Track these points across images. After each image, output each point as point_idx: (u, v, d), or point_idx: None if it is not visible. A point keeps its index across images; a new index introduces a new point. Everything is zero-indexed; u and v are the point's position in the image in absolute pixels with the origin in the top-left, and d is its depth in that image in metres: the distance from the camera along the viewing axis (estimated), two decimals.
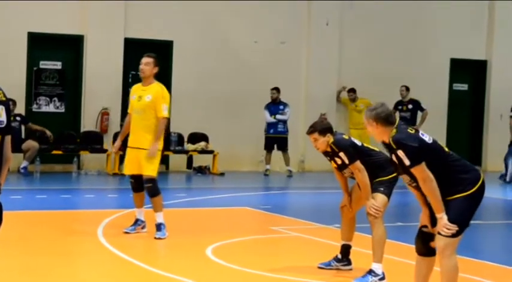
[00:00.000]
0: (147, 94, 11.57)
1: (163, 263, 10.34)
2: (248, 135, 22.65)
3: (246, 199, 17.02)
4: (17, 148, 19.72)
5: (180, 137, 22.38)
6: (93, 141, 21.16)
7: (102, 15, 21.64)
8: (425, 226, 7.71)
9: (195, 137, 22.49)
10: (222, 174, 21.90)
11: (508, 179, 22.32)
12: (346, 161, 9.51)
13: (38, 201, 15.83)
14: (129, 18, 21.96)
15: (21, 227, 11.91)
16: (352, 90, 23.57)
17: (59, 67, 21.88)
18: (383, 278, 8.93)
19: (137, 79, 12.42)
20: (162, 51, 22.35)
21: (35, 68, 21.55)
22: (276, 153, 22.30)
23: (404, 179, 7.74)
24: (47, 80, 21.79)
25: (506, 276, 10.20)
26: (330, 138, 9.58)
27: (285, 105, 22.02)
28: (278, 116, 21.89)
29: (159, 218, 11.47)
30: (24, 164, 20.22)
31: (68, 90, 21.93)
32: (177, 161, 22.53)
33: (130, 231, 11.75)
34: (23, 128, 20.55)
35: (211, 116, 22.51)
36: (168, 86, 22.42)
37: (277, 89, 22.13)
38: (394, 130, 7.64)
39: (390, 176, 9.43)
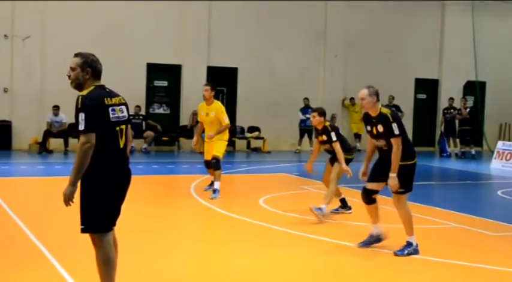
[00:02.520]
0: (212, 111, 11.51)
1: (230, 208, 10.42)
2: (287, 127, 22.71)
3: (285, 168, 17.09)
4: (140, 136, 20.12)
5: (242, 128, 22.61)
6: (187, 132, 21.35)
7: (193, 51, 21.82)
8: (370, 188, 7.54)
9: (252, 128, 22.67)
10: (269, 152, 21.94)
11: (446, 154, 22.48)
12: (333, 138, 9.55)
13: (153, 170, 16.04)
14: (210, 52, 22.11)
15: (142, 187, 12.12)
16: (352, 98, 23.58)
17: (166, 85, 22.13)
18: (417, 246, 7.50)
19: (215, 92, 12.33)
20: (231, 74, 22.60)
21: (151, 85, 21.85)
22: (305, 139, 22.46)
23: (379, 143, 7.44)
24: (158, 93, 22.09)
25: (445, 216, 10.20)
26: (323, 121, 9.74)
27: (311, 108, 22.12)
28: (307, 115, 22.14)
29: (217, 185, 11.27)
30: (145, 146, 20.53)
31: (172, 99, 22.18)
32: (240, 144, 22.69)
33: (207, 189, 11.93)
34: (143, 123, 20.84)
35: (263, 115, 22.61)
36: (235, 97, 22.77)
37: (307, 98, 22.33)
38: (388, 110, 7.44)
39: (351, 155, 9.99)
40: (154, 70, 21.59)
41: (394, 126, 7.28)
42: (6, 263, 6.71)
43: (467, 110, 22.42)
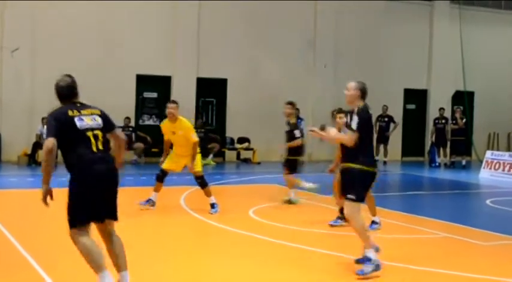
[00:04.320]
0: (179, 130, 10.88)
1: (221, 219, 10.41)
2: (277, 138, 22.61)
3: (275, 179, 17.08)
4: (129, 147, 20.09)
5: (232, 139, 22.63)
6: None
7: (182, 62, 21.86)
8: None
9: (242, 139, 22.70)
10: (259, 163, 21.98)
11: (435, 164, 22.55)
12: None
13: (142, 181, 16.00)
14: (200, 64, 22.15)
15: (132, 198, 12.04)
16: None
17: (156, 96, 22.13)
18: (378, 260, 6.90)
19: (205, 103, 12.37)
20: (221, 85, 22.64)
21: (140, 97, 21.85)
22: None
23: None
24: (148, 104, 22.09)
25: (434, 225, 10.23)
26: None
27: (301, 119, 22.17)
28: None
29: (212, 199, 11.05)
30: (135, 157, 20.53)
31: (161, 110, 22.14)
32: (230, 155, 22.69)
33: (143, 204, 11.31)
34: (133, 135, 20.81)
35: (253, 126, 22.63)
36: (225, 108, 22.80)
37: (297, 109, 22.30)
38: (362, 105, 7.09)
39: None
40: (143, 81, 21.59)
41: (355, 119, 6.97)
42: None
43: (464, 120, 22.52)
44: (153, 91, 22.01)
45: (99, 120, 5.87)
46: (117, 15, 20.89)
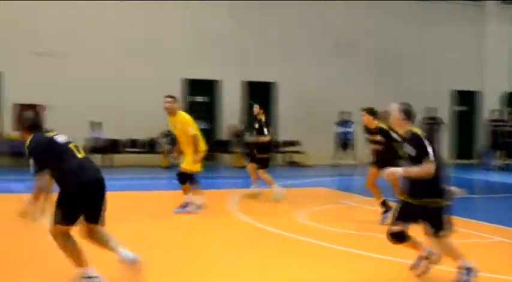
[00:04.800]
0: (177, 123, 10.94)
1: (270, 222, 10.35)
2: (325, 140, 22.56)
3: (325, 182, 16.99)
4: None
5: (280, 142, 22.64)
6: (224, 146, 21.54)
7: (230, 66, 21.93)
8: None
9: (291, 142, 22.66)
10: (308, 166, 21.86)
11: (489, 167, 22.05)
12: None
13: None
14: (247, 67, 22.19)
15: (180, 202, 11.99)
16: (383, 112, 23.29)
17: (203, 100, 22.24)
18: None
19: (252, 106, 12.51)
20: (269, 89, 22.64)
21: (188, 101, 21.96)
22: (345, 152, 22.37)
23: None
24: (196, 108, 22.12)
25: (488, 230, 9.97)
26: (372, 119, 10.20)
27: (352, 122, 22.17)
28: (347, 129, 22.20)
29: (187, 198, 11.04)
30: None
31: (210, 114, 22.26)
32: (279, 158, 22.59)
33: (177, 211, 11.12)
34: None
35: (301, 129, 22.56)
36: (273, 111, 22.77)
37: (344, 112, 22.29)
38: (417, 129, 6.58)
39: None
40: (192, 86, 21.71)
41: (419, 146, 6.33)
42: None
43: None
44: (201, 95, 22.12)
45: (64, 137, 6.31)
46: (165, 21, 21.07)
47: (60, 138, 6.22)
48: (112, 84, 20.27)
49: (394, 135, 9.49)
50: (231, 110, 21.95)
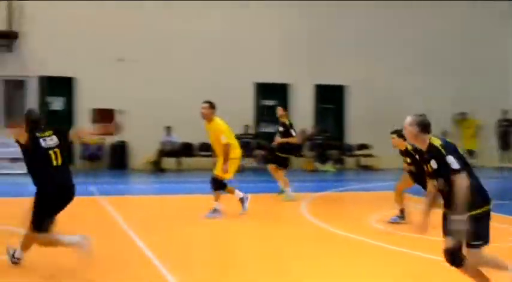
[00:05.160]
0: (211, 131, 10.94)
1: (341, 226, 10.27)
2: None
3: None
4: (249, 154, 20.22)
5: (352, 146, 22.44)
6: (296, 150, 21.44)
7: (300, 69, 21.90)
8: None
9: (362, 146, 22.43)
10: (380, 170, 21.63)
11: None
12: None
13: (263, 188, 15.93)
14: (318, 71, 22.12)
15: (254, 205, 12.02)
16: (462, 113, 22.84)
17: (274, 104, 22.22)
18: None
19: (324, 110, 12.47)
20: (339, 92, 22.51)
21: (259, 105, 22.03)
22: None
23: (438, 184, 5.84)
24: (267, 111, 22.25)
25: None
26: (402, 142, 10.20)
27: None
28: None
29: (216, 205, 10.92)
30: (254, 164, 20.66)
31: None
32: (350, 162, 22.44)
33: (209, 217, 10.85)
34: (253, 142, 20.97)
35: (373, 132, 22.23)
36: (344, 114, 22.64)
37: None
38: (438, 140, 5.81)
39: None
40: (263, 89, 21.80)
41: (444, 159, 5.66)
42: (124, 279, 6.89)
43: None
44: (272, 99, 22.15)
45: (55, 140, 7.02)
46: (235, 25, 21.24)
47: (46, 142, 6.93)
48: (185, 88, 20.53)
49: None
50: (302, 113, 21.90)
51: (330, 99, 22.61)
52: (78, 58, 19.94)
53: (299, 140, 21.30)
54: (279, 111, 13.93)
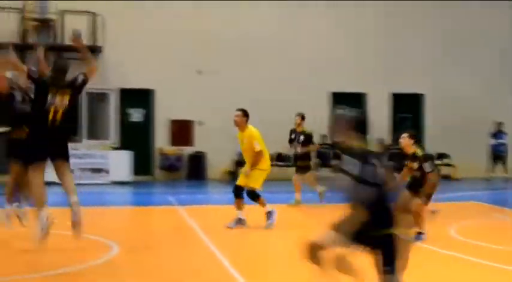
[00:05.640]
0: (245, 138, 10.87)
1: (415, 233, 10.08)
2: (478, 153, 21.64)
3: (476, 196, 16.36)
4: (326, 164, 20.06)
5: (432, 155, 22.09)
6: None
7: (376, 78, 21.70)
8: None
9: (441, 155, 22.00)
10: (459, 179, 21.13)
11: None
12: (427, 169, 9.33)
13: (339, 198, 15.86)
14: (395, 79, 21.86)
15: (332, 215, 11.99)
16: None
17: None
18: None
19: (401, 119, 12.27)
20: (416, 101, 22.19)
21: (334, 114, 21.88)
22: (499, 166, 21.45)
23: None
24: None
25: None
26: (411, 144, 9.54)
27: (505, 134, 21.30)
28: (501, 140, 21.27)
29: (267, 208, 10.79)
30: (330, 174, 20.54)
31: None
32: None
33: (232, 226, 10.73)
34: (330, 152, 20.85)
35: (452, 141, 21.86)
36: (422, 124, 22.27)
37: (500, 123, 21.42)
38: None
39: None
40: (337, 99, 21.69)
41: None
42: None
43: None
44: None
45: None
46: (310, 35, 21.27)
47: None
48: (262, 100, 20.63)
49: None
50: (378, 122, 21.61)
51: (407, 108, 22.27)
52: (157, 70, 20.33)
53: (380, 149, 21.14)
54: (297, 120, 14.15)
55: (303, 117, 14.29)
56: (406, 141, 9.49)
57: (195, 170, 20.62)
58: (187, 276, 7.42)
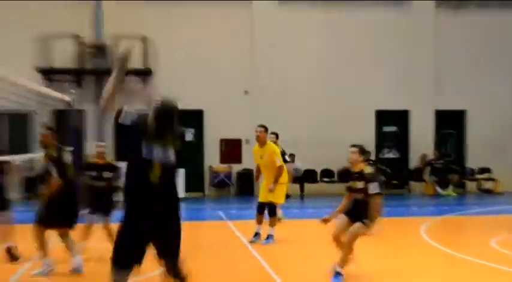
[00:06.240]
0: (265, 153, 11.02)
1: (462, 250, 10.20)
2: None
3: None
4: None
5: (472, 170, 22.05)
6: (416, 175, 21.36)
7: (420, 96, 21.79)
8: None
9: (483, 169, 21.99)
10: (501, 193, 21.04)
11: None
12: (371, 191, 7.71)
13: (385, 212, 16.00)
14: (438, 96, 21.89)
15: None
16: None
17: (395, 130, 22.27)
18: None
19: (444, 135, 12.34)
20: (459, 116, 22.18)
21: (380, 131, 22.11)
22: None
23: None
24: (388, 138, 22.29)
25: None
26: (360, 160, 8.01)
27: None
28: None
29: (272, 231, 11.08)
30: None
31: (400, 144, 22.24)
32: (471, 185, 21.98)
33: (254, 241, 11.15)
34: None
35: (494, 156, 21.79)
36: (464, 139, 22.25)
37: None
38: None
39: None
40: (383, 116, 21.86)
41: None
42: None
43: None
44: (392, 125, 22.17)
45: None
46: (353, 54, 21.49)
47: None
48: (308, 117, 20.98)
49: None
50: (422, 138, 21.74)
51: (451, 124, 22.34)
52: (206, 91, 20.83)
53: (421, 164, 21.24)
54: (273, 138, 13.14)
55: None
56: (355, 156, 7.92)
57: (244, 186, 21.02)
58: None
